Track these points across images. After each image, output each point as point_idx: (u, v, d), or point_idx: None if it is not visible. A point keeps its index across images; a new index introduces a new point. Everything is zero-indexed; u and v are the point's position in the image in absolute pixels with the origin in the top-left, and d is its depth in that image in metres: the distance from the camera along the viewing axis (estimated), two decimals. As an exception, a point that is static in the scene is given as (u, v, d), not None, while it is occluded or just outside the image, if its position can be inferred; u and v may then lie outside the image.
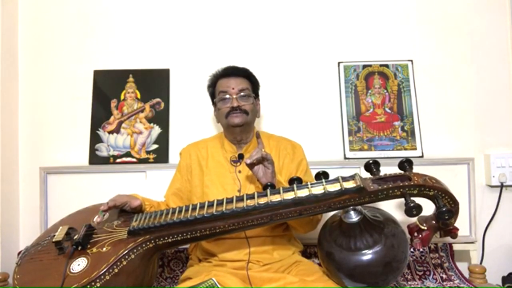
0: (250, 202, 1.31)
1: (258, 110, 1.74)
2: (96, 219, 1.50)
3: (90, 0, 2.25)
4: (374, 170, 1.33)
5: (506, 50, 2.18)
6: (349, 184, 1.27)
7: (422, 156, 2.06)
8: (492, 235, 2.09)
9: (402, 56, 2.20)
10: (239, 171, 1.64)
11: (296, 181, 1.36)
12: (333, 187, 1.28)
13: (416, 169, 1.32)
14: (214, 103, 1.73)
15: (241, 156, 1.66)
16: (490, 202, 2.09)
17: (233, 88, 1.63)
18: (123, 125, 2.15)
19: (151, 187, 1.99)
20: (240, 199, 1.35)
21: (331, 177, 1.35)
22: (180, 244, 1.43)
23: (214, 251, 1.56)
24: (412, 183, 1.24)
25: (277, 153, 1.69)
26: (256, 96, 1.73)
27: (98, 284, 1.22)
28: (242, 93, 1.63)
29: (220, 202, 1.36)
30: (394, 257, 1.29)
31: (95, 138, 2.14)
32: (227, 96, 1.63)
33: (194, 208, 1.37)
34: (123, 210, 1.54)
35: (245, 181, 1.61)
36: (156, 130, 2.15)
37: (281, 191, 1.32)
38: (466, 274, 1.88)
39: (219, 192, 1.59)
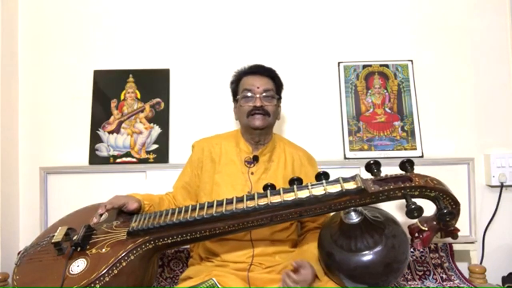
0: (250, 203, 1.31)
1: (279, 113, 1.72)
2: (94, 220, 1.49)
3: (90, 0, 2.24)
4: (375, 170, 1.33)
5: (506, 50, 2.18)
6: (350, 185, 1.27)
7: (422, 156, 2.06)
8: (492, 235, 2.09)
9: (402, 56, 2.20)
10: (252, 173, 1.61)
11: (296, 182, 1.35)
12: (334, 188, 1.28)
13: (416, 169, 1.32)
14: (235, 100, 1.70)
15: (255, 158, 1.63)
16: (490, 202, 2.09)
17: (258, 87, 1.60)
18: (123, 125, 2.15)
19: (151, 187, 1.98)
20: (240, 200, 1.34)
21: (331, 177, 1.34)
22: (179, 245, 1.43)
23: (217, 251, 1.55)
24: (413, 184, 1.24)
25: (291, 160, 1.67)
26: (279, 98, 1.70)
27: (97, 286, 1.22)
28: (266, 93, 1.60)
29: (220, 203, 1.35)
30: (395, 258, 1.29)
31: (95, 138, 2.13)
32: (251, 94, 1.60)
33: (194, 209, 1.36)
34: (123, 211, 1.53)
35: (256, 184, 1.58)
36: (156, 130, 2.14)
37: (281, 192, 1.31)
38: (466, 274, 1.88)
39: (229, 192, 1.55)
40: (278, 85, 1.69)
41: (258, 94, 1.59)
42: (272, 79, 1.66)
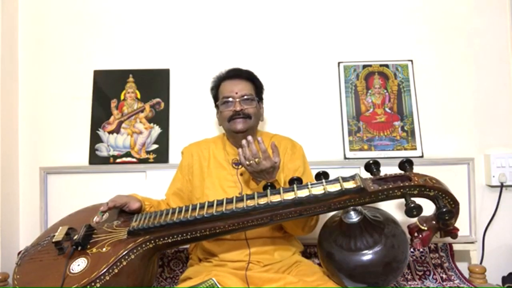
0: (250, 203, 1.31)
1: (262, 114, 1.73)
2: (96, 219, 1.50)
3: (90, 0, 2.25)
4: (374, 170, 1.34)
5: (506, 50, 2.18)
6: (349, 185, 1.27)
7: (422, 156, 2.06)
8: (492, 235, 2.09)
9: (402, 56, 2.20)
10: (241, 174, 1.63)
11: (296, 181, 1.36)
12: (333, 188, 1.28)
13: (416, 169, 1.32)
14: (216, 106, 1.71)
15: None
16: (490, 202, 2.09)
17: (236, 93, 1.61)
18: (123, 125, 2.15)
19: (151, 187, 1.99)
20: (240, 199, 1.35)
21: (331, 177, 1.35)
22: (180, 244, 1.43)
23: (214, 251, 1.56)
24: (412, 184, 1.24)
25: None
26: (260, 99, 1.71)
27: (98, 285, 1.22)
28: (245, 97, 1.61)
29: (220, 203, 1.36)
30: (394, 257, 1.29)
31: (95, 138, 2.13)
32: (230, 99, 1.61)
33: (194, 209, 1.37)
34: (123, 210, 1.54)
35: (247, 183, 1.59)
36: (156, 130, 2.15)
37: (281, 191, 1.31)
38: (466, 274, 1.88)
39: (219, 194, 1.56)
40: (257, 86, 1.70)
41: (237, 98, 1.60)
42: (251, 81, 1.68)
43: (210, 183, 1.63)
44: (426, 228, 1.28)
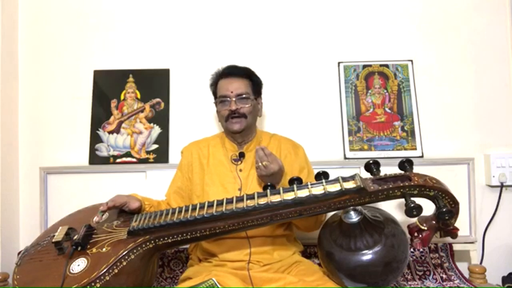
0: (250, 203, 1.31)
1: (260, 109, 1.74)
2: (95, 219, 1.50)
3: (90, 0, 2.24)
4: (374, 170, 1.33)
5: (506, 50, 2.18)
6: (349, 185, 1.27)
7: (422, 156, 2.06)
8: (492, 235, 2.09)
9: (402, 56, 2.20)
10: (240, 170, 1.64)
11: (296, 181, 1.36)
12: (333, 188, 1.28)
13: (416, 169, 1.32)
14: (215, 103, 1.73)
15: (241, 155, 1.66)
16: (490, 202, 2.09)
17: (231, 92, 1.62)
18: (123, 125, 2.15)
19: (151, 187, 1.99)
20: (240, 199, 1.35)
21: (331, 177, 1.35)
22: (180, 245, 1.43)
23: (214, 251, 1.56)
24: (412, 184, 1.24)
25: (278, 152, 1.68)
26: (258, 95, 1.72)
27: (98, 285, 1.22)
28: (240, 96, 1.62)
29: (220, 203, 1.36)
30: (394, 257, 1.29)
31: (95, 138, 2.13)
32: (227, 99, 1.63)
33: (194, 209, 1.37)
34: (123, 210, 1.54)
35: (246, 180, 1.61)
36: (156, 130, 2.15)
37: (281, 191, 1.32)
38: (466, 274, 1.88)
39: (219, 191, 1.59)
40: (255, 83, 1.71)
41: (233, 97, 1.62)
42: (248, 78, 1.68)
43: (210, 180, 1.64)
44: (426, 228, 1.28)
